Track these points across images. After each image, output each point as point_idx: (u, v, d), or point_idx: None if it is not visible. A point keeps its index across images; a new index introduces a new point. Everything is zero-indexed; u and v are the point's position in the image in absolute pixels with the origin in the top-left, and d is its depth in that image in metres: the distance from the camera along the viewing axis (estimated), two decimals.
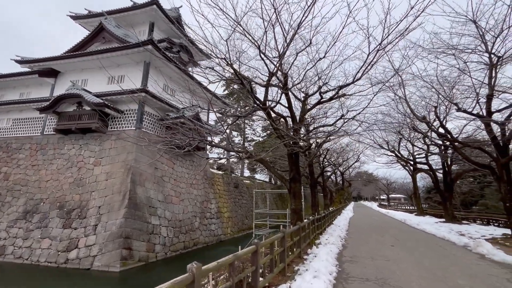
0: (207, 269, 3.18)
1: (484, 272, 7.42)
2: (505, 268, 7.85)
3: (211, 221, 27.94)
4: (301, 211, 11.53)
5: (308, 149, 10.52)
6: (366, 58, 8.69)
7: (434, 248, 10.87)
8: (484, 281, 6.59)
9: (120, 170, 20.97)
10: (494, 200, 38.71)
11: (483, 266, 8.05)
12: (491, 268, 7.89)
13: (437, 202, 48.27)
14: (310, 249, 9.52)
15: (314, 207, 18.92)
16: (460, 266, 7.98)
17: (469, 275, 7.11)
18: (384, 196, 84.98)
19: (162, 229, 21.27)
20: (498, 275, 7.09)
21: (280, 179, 12.04)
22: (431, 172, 22.94)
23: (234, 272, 3.82)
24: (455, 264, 8.24)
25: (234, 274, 3.81)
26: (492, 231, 15.96)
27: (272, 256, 5.76)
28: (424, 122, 14.65)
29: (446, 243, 12.06)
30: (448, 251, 10.36)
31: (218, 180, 31.85)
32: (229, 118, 24.77)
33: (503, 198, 12.64)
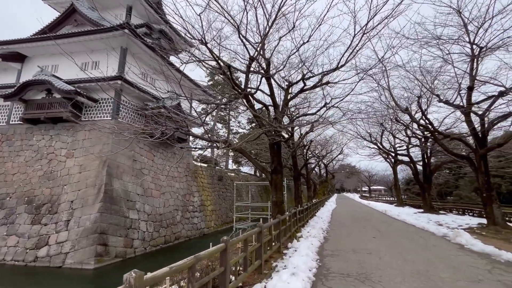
0: (153, 278, 2.52)
1: (465, 263, 7.24)
2: (485, 259, 7.73)
3: (194, 214, 27.19)
4: (283, 204, 11.07)
5: (290, 138, 9.99)
6: (351, 41, 8.16)
7: (415, 239, 10.75)
8: (466, 273, 6.36)
9: (95, 162, 19.71)
10: (468, 191, 40.28)
11: (463, 257, 7.90)
12: (471, 259, 7.74)
13: (415, 193, 49.78)
14: (291, 242, 9.06)
15: (297, 199, 18.60)
16: (441, 258, 7.79)
17: (451, 267, 6.89)
18: (366, 188, 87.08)
19: (141, 224, 20.35)
20: (479, 267, 6.91)
21: (261, 171, 11.47)
22: (411, 163, 23.23)
23: (193, 277, 3.19)
24: (436, 256, 8.05)
25: (194, 280, 3.17)
26: (468, 220, 16.28)
27: (246, 253, 5.18)
28: (406, 113, 14.50)
29: (426, 234, 12.02)
30: (428, 241, 10.25)
31: (202, 173, 30.99)
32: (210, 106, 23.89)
33: (480, 189, 12.74)
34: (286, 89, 12.04)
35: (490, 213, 12.28)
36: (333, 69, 9.30)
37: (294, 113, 12.68)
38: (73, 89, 19.45)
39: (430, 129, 13.86)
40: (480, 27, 12.05)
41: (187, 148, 15.71)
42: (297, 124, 11.64)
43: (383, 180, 77.13)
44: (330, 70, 9.41)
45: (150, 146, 24.42)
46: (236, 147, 10.82)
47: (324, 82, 10.44)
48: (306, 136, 16.60)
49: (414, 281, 5.76)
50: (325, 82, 10.41)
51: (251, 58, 9.59)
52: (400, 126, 21.76)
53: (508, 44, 11.47)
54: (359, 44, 8.76)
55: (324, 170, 42.07)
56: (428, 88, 13.90)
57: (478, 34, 11.99)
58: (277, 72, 11.72)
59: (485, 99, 12.46)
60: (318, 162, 31.25)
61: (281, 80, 12.89)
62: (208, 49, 8.07)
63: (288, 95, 11.71)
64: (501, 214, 12.39)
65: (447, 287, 5.46)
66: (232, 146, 10.05)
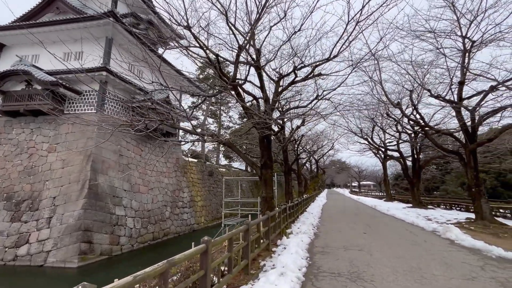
0: None
1: (456, 260, 7.06)
2: (476, 255, 7.59)
3: (184, 210, 26.64)
4: (272, 199, 10.71)
5: (280, 131, 9.59)
6: (345, 29, 7.76)
7: (405, 235, 10.61)
8: (459, 270, 6.16)
9: (79, 157, 18.87)
10: (454, 186, 41.11)
11: (454, 253, 7.74)
12: (463, 255, 7.59)
13: (404, 188, 50.58)
14: (280, 239, 8.73)
15: (288, 194, 18.34)
16: (432, 254, 7.60)
17: (442, 264, 6.69)
18: (356, 183, 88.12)
19: (128, 220, 19.71)
20: (471, 263, 6.74)
21: (250, 165, 11.06)
22: (401, 159, 23.30)
23: (166, 285, 2.75)
24: (427, 252, 7.87)
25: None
26: (456, 215, 16.38)
27: (231, 253, 4.77)
28: (398, 108, 14.33)
29: (415, 229, 11.93)
30: (418, 237, 10.12)
31: (192, 168, 30.36)
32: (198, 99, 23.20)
33: (469, 184, 12.72)
34: (277, 81, 11.59)
35: (478, 208, 12.28)
36: (326, 59, 8.90)
37: (286, 106, 12.26)
38: (54, 80, 18.45)
39: (421, 124, 13.74)
40: (472, 21, 11.87)
41: (172, 142, 15.07)
42: (288, 116, 11.23)
43: (372, 176, 78.16)
44: (323, 61, 9.00)
45: (138, 140, 23.67)
46: (224, 141, 10.35)
47: (316, 74, 10.05)
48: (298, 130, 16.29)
49: (407, 279, 5.50)
50: (317, 74, 10.01)
51: (240, 46, 9.07)
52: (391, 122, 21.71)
53: (499, 39, 11.35)
54: (352, 33, 8.38)
55: (315, 165, 42.09)
56: (419, 82, 13.73)
57: (471, 28, 11.82)
58: (267, 63, 11.23)
59: (476, 94, 12.36)
60: (309, 157, 31.08)
61: (272, 72, 12.45)
62: (193, 35, 7.52)
63: (279, 87, 11.28)
64: (489, 209, 12.42)
65: (441, 285, 5.22)
66: (220, 140, 9.57)
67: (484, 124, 13.06)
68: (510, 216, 14.91)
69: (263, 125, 9.01)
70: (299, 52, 9.39)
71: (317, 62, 8.99)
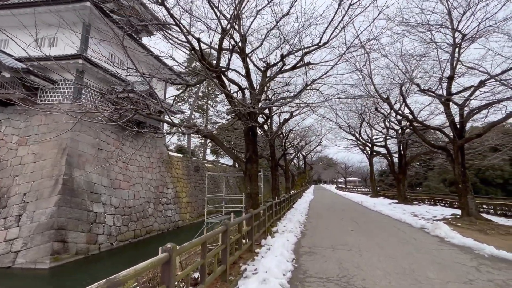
0: None
1: (449, 259, 6.64)
2: (468, 253, 7.21)
3: (168, 206, 25.63)
4: (258, 196, 10.04)
5: (266, 122, 8.89)
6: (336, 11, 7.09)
7: (394, 232, 10.22)
8: (453, 272, 5.71)
9: (53, 150, 17.53)
10: (436, 182, 41.94)
11: (446, 252, 7.34)
12: (455, 254, 7.19)
13: (388, 185, 51.35)
14: (265, 239, 8.07)
15: (274, 190, 17.75)
16: (424, 253, 7.17)
17: (436, 264, 6.24)
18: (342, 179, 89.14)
19: (107, 218, 18.62)
20: (465, 263, 6.33)
21: (234, 159, 10.33)
22: (388, 155, 23.21)
23: None
24: (418, 250, 7.44)
25: None
26: (441, 211, 16.33)
27: (204, 260, 4.04)
28: (387, 102, 13.95)
29: (403, 226, 11.60)
30: (407, 234, 9.75)
31: (177, 163, 29.28)
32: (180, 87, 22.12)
33: (456, 179, 12.54)
34: (264, 71, 10.84)
35: (465, 204, 12.12)
36: (316, 44, 8.23)
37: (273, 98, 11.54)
38: (24, 67, 16.92)
39: (410, 119, 13.43)
40: (464, 14, 11.52)
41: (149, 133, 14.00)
42: (275, 104, 10.51)
43: (358, 172, 79.21)
44: (313, 46, 8.31)
45: (119, 134, 22.40)
46: (206, 133, 9.54)
47: (305, 63, 9.39)
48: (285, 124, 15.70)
49: (401, 284, 4.96)
50: (306, 63, 9.35)
51: (223, 30, 8.25)
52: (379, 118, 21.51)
53: (491, 32, 11.05)
54: (343, 19, 7.73)
55: (302, 161, 41.81)
56: (408, 77, 13.36)
57: (462, 21, 11.46)
58: (254, 51, 10.47)
59: (465, 88, 12.10)
60: (297, 153, 30.63)
61: (259, 63, 11.70)
62: (167, 11, 6.63)
63: (266, 78, 10.54)
64: (475, 205, 12.28)
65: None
66: (201, 132, 8.77)
67: (471, 120, 12.86)
68: (493, 212, 14.97)
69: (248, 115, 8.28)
70: (288, 39, 8.67)
71: (307, 48, 8.29)
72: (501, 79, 9.57)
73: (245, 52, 8.94)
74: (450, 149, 12.92)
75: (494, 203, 15.00)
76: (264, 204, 9.30)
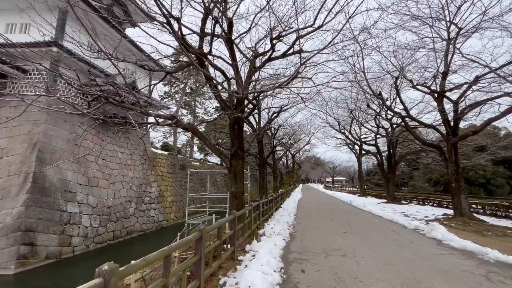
0: None
1: (454, 266, 5.90)
2: (472, 259, 6.52)
3: (151, 206, 24.24)
4: (243, 195, 9.07)
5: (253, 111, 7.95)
6: None
7: (388, 234, 9.50)
8: (463, 282, 4.94)
9: (22, 145, 15.94)
10: (421, 181, 42.31)
11: (448, 258, 6.62)
12: (458, 259, 6.48)
13: (375, 184, 51.57)
14: (250, 243, 7.12)
15: (262, 189, 16.85)
16: (425, 259, 6.41)
17: (441, 273, 5.47)
18: (329, 178, 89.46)
19: (83, 218, 17.19)
20: (472, 271, 5.60)
21: (218, 155, 9.32)
22: (377, 154, 22.76)
23: None
24: (418, 256, 6.68)
25: None
26: (431, 211, 15.90)
27: (166, 280, 3.04)
28: (379, 98, 13.32)
29: (396, 227, 10.93)
30: (402, 236, 9.05)
31: (161, 161, 27.86)
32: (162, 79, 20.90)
33: (450, 178, 12.02)
34: (252, 59, 9.87)
35: (458, 204, 11.62)
36: (310, 26, 7.33)
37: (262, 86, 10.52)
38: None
39: (403, 115, 12.84)
40: (460, 7, 10.96)
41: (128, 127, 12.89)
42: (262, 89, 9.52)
43: (345, 172, 79.63)
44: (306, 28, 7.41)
45: (98, 129, 20.89)
46: (187, 125, 8.49)
47: (297, 50, 8.50)
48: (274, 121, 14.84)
49: None
50: (298, 50, 8.47)
51: (206, 9, 7.23)
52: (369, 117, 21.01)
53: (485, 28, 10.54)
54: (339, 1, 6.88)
55: (291, 160, 41.15)
56: (401, 72, 12.75)
57: (458, 14, 10.89)
58: (241, 39, 9.49)
59: (459, 85, 11.60)
60: (286, 151, 29.86)
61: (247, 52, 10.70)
62: None
63: (254, 68, 9.57)
64: (468, 205, 11.81)
65: None
66: (180, 123, 7.72)
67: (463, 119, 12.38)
68: (483, 211, 14.65)
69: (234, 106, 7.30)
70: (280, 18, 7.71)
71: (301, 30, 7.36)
72: (499, 74, 9.04)
73: (231, 36, 7.96)
74: (443, 147, 12.42)
75: (484, 203, 14.69)
76: (250, 204, 8.35)
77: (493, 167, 32.66)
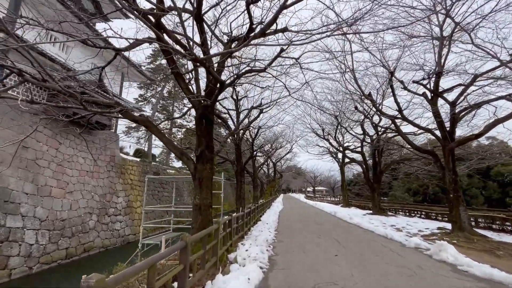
0: None
1: None
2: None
3: (116, 218, 21.10)
4: (210, 208, 6.88)
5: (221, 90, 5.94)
6: None
7: (388, 256, 7.62)
8: None
9: None
10: (401, 192, 41.81)
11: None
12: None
13: (355, 194, 50.72)
14: (212, 280, 4.91)
15: (239, 200, 14.61)
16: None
17: None
18: (310, 188, 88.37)
19: (27, 234, 14.09)
20: None
21: (179, 157, 7.12)
22: (363, 162, 21.35)
23: None
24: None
25: None
26: (421, 223, 14.40)
27: None
28: (369, 99, 11.86)
29: (394, 245, 9.10)
30: (406, 259, 7.21)
31: (132, 168, 24.85)
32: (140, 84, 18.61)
33: (447, 188, 10.55)
34: (227, 43, 7.94)
35: (457, 217, 10.11)
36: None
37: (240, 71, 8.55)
38: None
39: (396, 116, 11.41)
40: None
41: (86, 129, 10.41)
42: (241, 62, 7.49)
43: (326, 181, 78.87)
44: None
45: (55, 130, 17.92)
46: (138, 118, 6.27)
47: (280, 29, 6.69)
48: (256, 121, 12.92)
49: None
50: (282, 29, 6.67)
51: None
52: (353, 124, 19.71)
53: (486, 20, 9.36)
54: None
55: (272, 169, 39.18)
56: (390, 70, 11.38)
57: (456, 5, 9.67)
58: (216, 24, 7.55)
59: (455, 86, 10.35)
60: (267, 159, 27.86)
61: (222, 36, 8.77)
62: None
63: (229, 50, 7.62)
64: (468, 218, 10.32)
65: None
66: (129, 115, 5.53)
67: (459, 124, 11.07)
68: (475, 224, 13.34)
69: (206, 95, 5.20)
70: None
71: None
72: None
73: (201, 13, 5.99)
74: (438, 154, 11.03)
75: (477, 215, 13.41)
76: (217, 223, 6.15)
77: (467, 178, 32.67)
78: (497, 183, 32.92)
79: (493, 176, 32.66)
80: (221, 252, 6.10)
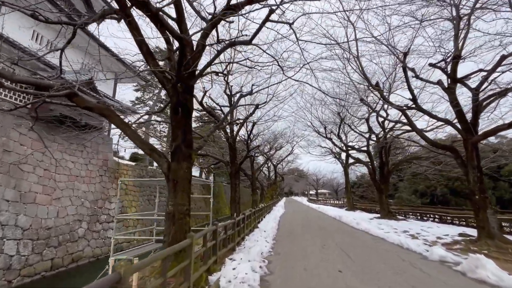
0: None
1: None
2: None
3: (109, 225, 19.68)
4: (187, 217, 5.40)
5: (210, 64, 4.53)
6: None
7: (410, 273, 6.03)
8: None
9: None
10: (407, 193, 39.77)
11: None
12: None
13: (359, 196, 48.68)
14: None
15: (233, 204, 13.05)
16: None
17: None
18: (313, 191, 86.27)
19: (7, 244, 12.82)
20: None
21: (148, 153, 5.69)
22: (369, 162, 19.63)
23: None
24: None
25: None
26: (437, 228, 12.70)
27: None
28: (377, 89, 10.41)
29: (413, 257, 7.49)
30: (434, 279, 5.62)
31: (126, 173, 23.51)
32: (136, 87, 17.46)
33: (472, 189, 8.93)
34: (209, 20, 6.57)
35: (485, 221, 8.49)
36: None
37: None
38: None
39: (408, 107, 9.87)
40: None
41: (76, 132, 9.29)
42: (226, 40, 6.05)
43: (328, 184, 76.79)
44: None
45: (42, 132, 16.62)
46: (93, 104, 4.87)
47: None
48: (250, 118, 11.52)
49: None
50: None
51: None
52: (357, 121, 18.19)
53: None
54: None
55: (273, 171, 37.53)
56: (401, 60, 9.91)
57: None
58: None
59: (477, 71, 8.83)
60: (266, 160, 26.23)
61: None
62: None
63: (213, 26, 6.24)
64: (497, 223, 8.69)
65: None
66: (75, 95, 4.15)
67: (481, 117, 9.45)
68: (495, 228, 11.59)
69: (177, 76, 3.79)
70: None
71: None
72: None
73: None
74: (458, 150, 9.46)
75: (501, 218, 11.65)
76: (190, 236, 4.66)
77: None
78: (508, 183, 30.93)
79: (504, 176, 30.70)
80: (197, 274, 4.59)
